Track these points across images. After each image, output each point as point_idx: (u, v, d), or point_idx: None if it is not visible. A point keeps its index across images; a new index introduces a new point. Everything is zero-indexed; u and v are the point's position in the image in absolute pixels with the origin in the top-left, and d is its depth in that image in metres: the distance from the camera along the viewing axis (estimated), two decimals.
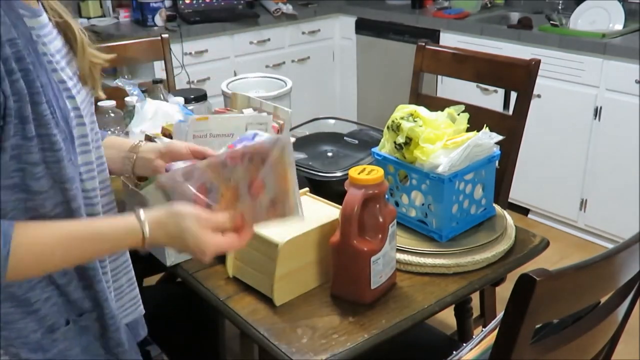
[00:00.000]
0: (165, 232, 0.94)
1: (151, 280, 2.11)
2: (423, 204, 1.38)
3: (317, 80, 3.87)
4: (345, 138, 1.81)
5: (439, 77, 2.98)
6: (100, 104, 1.70)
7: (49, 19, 0.96)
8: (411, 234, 1.40)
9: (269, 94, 1.94)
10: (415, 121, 1.36)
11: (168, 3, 3.52)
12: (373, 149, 1.46)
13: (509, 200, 2.15)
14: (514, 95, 1.93)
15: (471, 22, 3.23)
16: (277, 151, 0.96)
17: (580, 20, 3.02)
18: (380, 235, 1.18)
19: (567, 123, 2.86)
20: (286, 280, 1.21)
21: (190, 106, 1.98)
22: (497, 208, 1.50)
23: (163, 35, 2.47)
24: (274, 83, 2.12)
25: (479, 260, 1.32)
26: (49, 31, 0.95)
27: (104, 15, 3.47)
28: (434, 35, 3.28)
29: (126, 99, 1.84)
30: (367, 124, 1.96)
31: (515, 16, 3.33)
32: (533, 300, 0.80)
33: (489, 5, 3.53)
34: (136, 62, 2.86)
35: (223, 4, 3.62)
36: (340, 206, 1.20)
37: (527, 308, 0.80)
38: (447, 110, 1.43)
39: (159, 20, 3.30)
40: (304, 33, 3.73)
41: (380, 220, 1.19)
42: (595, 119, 2.76)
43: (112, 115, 1.75)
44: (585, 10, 3.03)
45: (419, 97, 2.11)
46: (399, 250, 1.31)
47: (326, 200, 1.37)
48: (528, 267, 0.86)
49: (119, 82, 1.95)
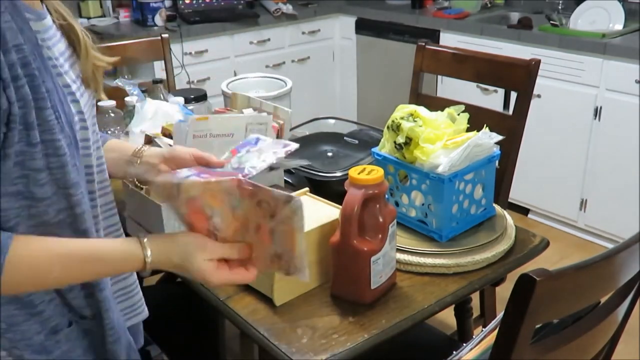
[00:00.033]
0: (168, 259, 0.93)
1: (151, 280, 2.11)
2: (423, 204, 1.38)
3: (317, 80, 3.87)
4: (345, 138, 1.81)
5: (439, 77, 2.98)
6: (100, 104, 1.70)
7: (53, 22, 0.96)
8: (411, 234, 1.40)
9: (269, 94, 1.94)
10: (415, 121, 1.36)
11: (168, 3, 3.52)
12: (373, 149, 1.46)
13: (509, 200, 2.15)
14: (514, 95, 1.93)
15: (471, 22, 3.23)
16: (288, 211, 0.90)
17: (580, 20, 3.02)
18: (380, 235, 1.18)
19: (567, 123, 2.86)
20: (286, 280, 1.21)
21: (190, 106, 1.98)
22: (497, 208, 1.50)
23: (163, 35, 2.47)
24: (274, 83, 2.12)
25: (479, 260, 1.32)
26: (52, 34, 0.94)
27: (104, 15, 3.46)
28: (434, 35, 3.28)
29: (126, 99, 1.84)
30: (367, 124, 1.96)
31: (515, 16, 3.33)
32: (533, 300, 0.80)
33: (489, 5, 3.53)
34: (136, 62, 2.86)
35: (223, 4, 3.62)
36: (340, 206, 1.20)
37: (527, 308, 0.80)
38: (447, 110, 1.43)
39: (159, 20, 3.30)
40: (304, 33, 3.73)
41: (380, 220, 1.19)
42: (595, 119, 2.76)
43: (112, 115, 1.75)
44: (585, 10, 3.03)
45: (419, 97, 2.11)
46: (399, 250, 1.31)
47: (326, 200, 1.36)
48: (528, 267, 0.86)
49: (119, 82, 1.96)
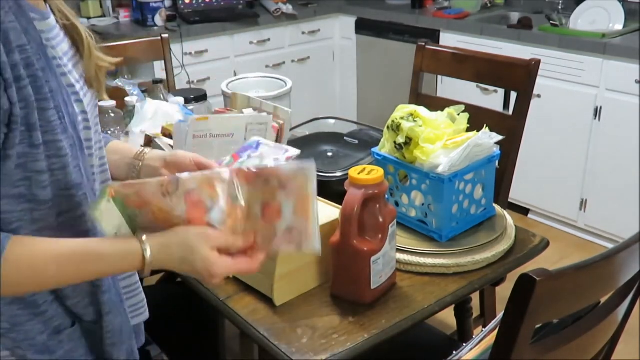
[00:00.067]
0: (168, 255, 0.90)
1: (151, 280, 2.11)
2: (423, 204, 1.38)
3: (317, 80, 3.87)
4: (345, 138, 1.81)
5: (439, 77, 2.98)
6: (100, 104, 1.69)
7: (56, 21, 0.96)
8: (411, 234, 1.40)
9: (269, 94, 1.94)
10: (415, 121, 1.36)
11: (168, 3, 3.52)
12: (373, 149, 1.46)
13: (509, 200, 2.15)
14: (514, 95, 1.93)
15: (471, 22, 3.23)
16: (301, 180, 0.88)
17: (580, 20, 3.02)
18: (380, 235, 1.18)
19: (567, 123, 2.86)
20: (286, 280, 1.21)
21: (190, 106, 1.98)
22: (497, 208, 1.50)
23: (163, 35, 2.47)
24: (274, 83, 2.12)
25: (479, 260, 1.32)
26: (56, 34, 0.94)
27: (104, 15, 3.46)
28: (434, 35, 3.28)
29: (126, 99, 1.84)
30: (367, 124, 1.96)
31: (515, 16, 3.33)
32: (533, 300, 0.80)
33: (489, 5, 3.53)
34: (136, 62, 2.86)
35: (223, 4, 3.62)
36: (340, 206, 1.20)
37: (527, 308, 0.80)
38: (447, 110, 1.43)
39: (159, 20, 3.30)
40: (304, 33, 3.73)
41: (380, 220, 1.19)
42: (595, 119, 2.76)
43: (112, 115, 1.75)
44: (585, 10, 3.03)
45: (419, 97, 2.11)
46: (399, 250, 1.31)
47: (326, 200, 1.36)
48: (528, 267, 0.86)
49: (119, 82, 1.96)
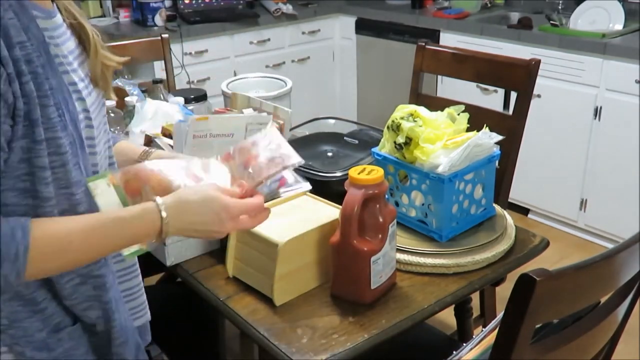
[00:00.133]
0: (185, 204, 0.92)
1: (151, 280, 2.11)
2: (423, 204, 1.38)
3: (317, 80, 3.87)
4: (345, 138, 1.81)
5: (439, 77, 2.98)
6: None
7: (63, 20, 0.97)
8: (411, 234, 1.40)
9: (269, 94, 1.94)
10: (415, 121, 1.36)
11: (168, 3, 3.52)
12: (373, 149, 1.46)
13: (509, 200, 2.15)
14: (514, 95, 1.93)
15: (471, 22, 3.23)
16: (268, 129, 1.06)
17: (580, 20, 3.02)
18: (380, 235, 1.18)
19: (567, 123, 2.86)
20: (286, 280, 1.21)
21: (190, 106, 1.98)
22: (497, 208, 1.50)
23: (163, 35, 2.47)
24: (274, 83, 2.12)
25: (479, 260, 1.32)
26: (62, 32, 0.95)
27: (104, 15, 3.46)
28: (434, 35, 3.28)
29: (126, 99, 1.84)
30: (367, 124, 1.96)
31: (515, 16, 3.33)
32: (533, 300, 0.80)
33: (489, 5, 3.53)
34: (136, 62, 2.86)
35: (223, 4, 3.62)
36: (340, 206, 1.20)
37: (527, 308, 0.80)
38: (447, 110, 1.43)
39: (159, 20, 3.29)
40: (304, 33, 3.73)
41: (380, 220, 1.19)
42: (595, 119, 2.76)
43: (112, 115, 1.75)
44: (585, 10, 3.03)
45: (419, 97, 2.11)
46: (399, 250, 1.31)
47: (326, 200, 1.36)
48: (528, 267, 0.86)
49: (119, 82, 1.96)
